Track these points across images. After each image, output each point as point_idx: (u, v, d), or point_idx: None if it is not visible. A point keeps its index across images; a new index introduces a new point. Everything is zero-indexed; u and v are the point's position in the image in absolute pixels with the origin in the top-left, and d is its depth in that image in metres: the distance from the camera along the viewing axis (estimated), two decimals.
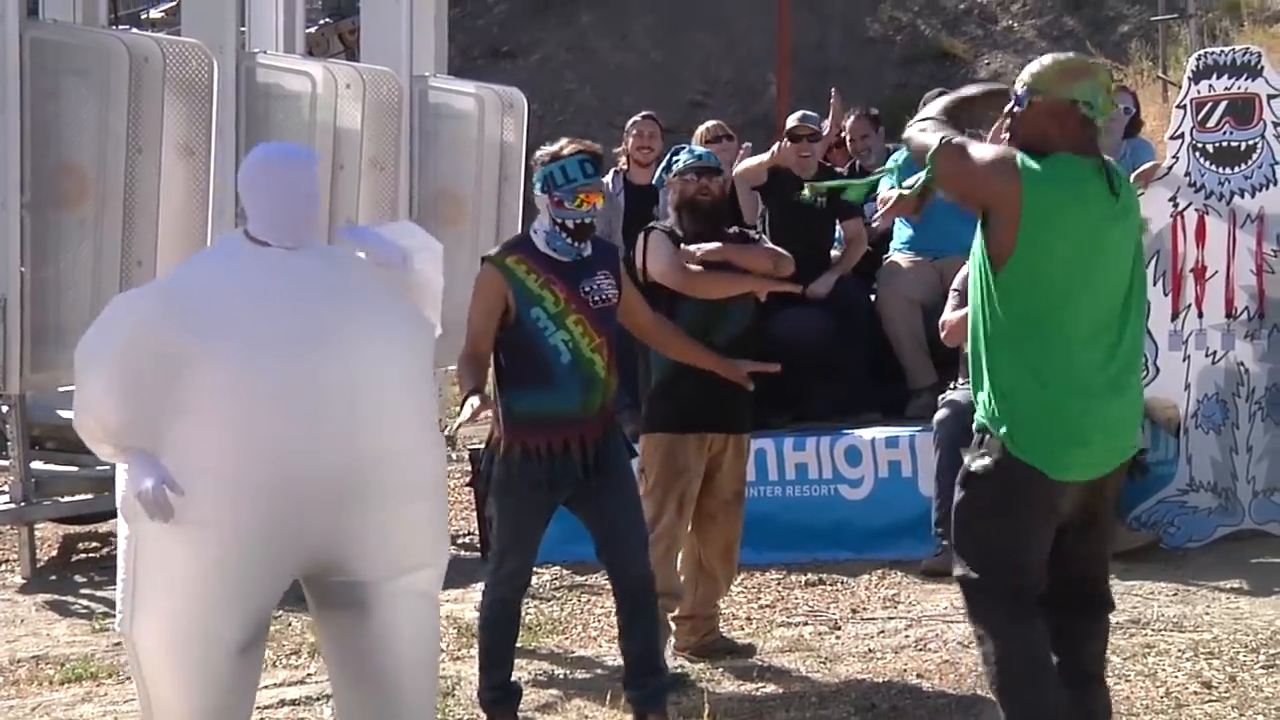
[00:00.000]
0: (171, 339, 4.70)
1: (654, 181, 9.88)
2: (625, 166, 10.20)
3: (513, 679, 6.33)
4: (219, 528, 4.70)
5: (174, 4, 15.29)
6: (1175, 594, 7.60)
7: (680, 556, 7.10)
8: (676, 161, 7.16)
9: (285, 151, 5.30)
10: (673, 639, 7.11)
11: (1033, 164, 4.71)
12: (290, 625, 8.12)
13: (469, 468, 9.98)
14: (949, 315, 8.75)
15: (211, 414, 4.70)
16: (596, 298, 6.12)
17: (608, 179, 10.06)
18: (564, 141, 6.22)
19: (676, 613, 7.12)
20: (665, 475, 6.87)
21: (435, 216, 10.89)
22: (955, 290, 8.78)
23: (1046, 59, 4.93)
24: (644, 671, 6.18)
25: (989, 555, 4.82)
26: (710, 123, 10.67)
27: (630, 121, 10.47)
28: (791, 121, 9.90)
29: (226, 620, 4.76)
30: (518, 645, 6.98)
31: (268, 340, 4.76)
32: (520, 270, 6.07)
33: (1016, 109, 4.85)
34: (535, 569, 8.81)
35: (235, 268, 4.96)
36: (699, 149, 7.41)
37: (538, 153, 6.20)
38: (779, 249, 7.18)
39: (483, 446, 6.54)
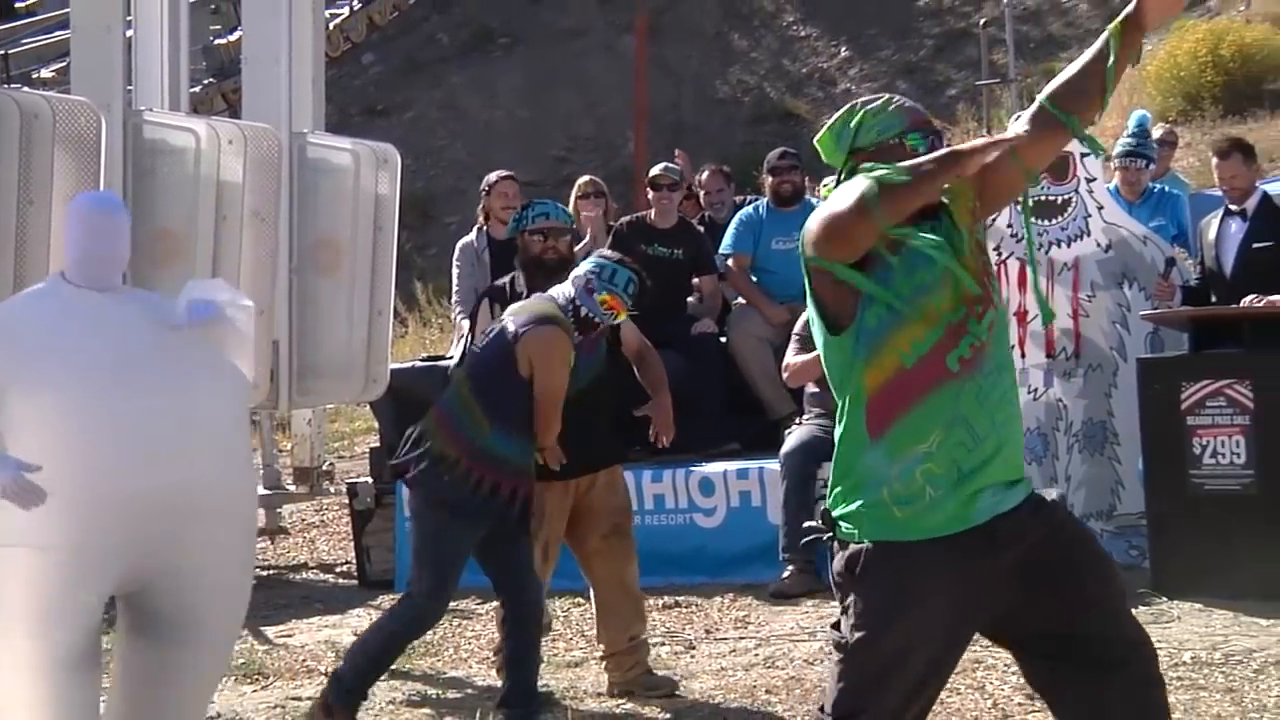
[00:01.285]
0: None
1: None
2: (485, 224, 10.12)
3: (365, 692, 6.34)
4: (42, 545, 4.68)
5: (64, 64, 15.07)
6: None
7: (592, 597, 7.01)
8: (524, 218, 6.98)
9: (95, 200, 5.46)
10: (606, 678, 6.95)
11: None
12: None
13: (347, 500, 9.91)
14: (792, 359, 8.81)
15: (32, 437, 4.69)
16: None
17: (473, 238, 10.02)
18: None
19: (601, 652, 6.97)
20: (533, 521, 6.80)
21: (314, 264, 10.78)
22: (798, 335, 8.85)
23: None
24: (519, 699, 6.23)
25: None
26: (585, 178, 10.69)
27: (488, 181, 10.40)
28: (654, 171, 9.96)
29: (55, 636, 4.71)
30: (392, 667, 6.93)
31: (81, 372, 4.79)
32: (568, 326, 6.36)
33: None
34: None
35: (51, 305, 4.98)
36: (550, 205, 7.17)
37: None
38: None
39: (363, 479, 6.52)
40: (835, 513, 4.02)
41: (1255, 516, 7.57)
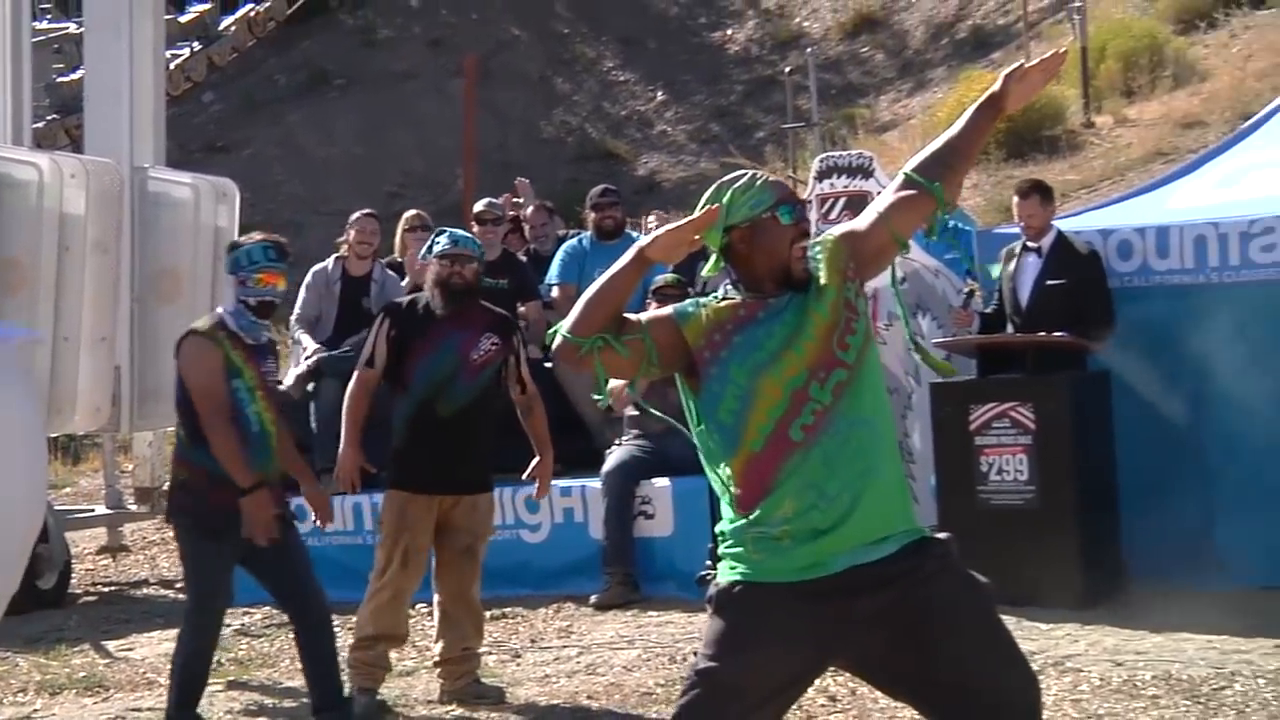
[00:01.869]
0: None
1: (371, 272, 9.74)
2: (346, 255, 10.01)
3: (196, 714, 6.24)
4: None
5: None
6: None
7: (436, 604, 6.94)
8: (437, 244, 6.87)
9: None
10: (438, 687, 6.88)
11: None
12: (18, 665, 7.80)
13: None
14: (613, 385, 8.82)
15: None
16: (271, 379, 6.23)
17: (329, 265, 9.91)
18: (255, 234, 6.27)
19: (435, 659, 6.90)
20: (395, 529, 6.69)
21: (155, 294, 10.63)
22: None
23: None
24: (330, 703, 6.15)
25: None
26: (411, 212, 10.63)
27: (352, 217, 10.28)
28: (478, 207, 9.93)
29: None
30: (230, 678, 6.84)
31: None
32: (227, 344, 6.04)
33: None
34: (247, 609, 8.69)
35: None
36: (461, 234, 7.03)
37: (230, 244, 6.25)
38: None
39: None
40: (719, 554, 4.02)
41: (1036, 528, 7.72)
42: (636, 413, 8.80)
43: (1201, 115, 17.08)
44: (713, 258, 3.99)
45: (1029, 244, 8.32)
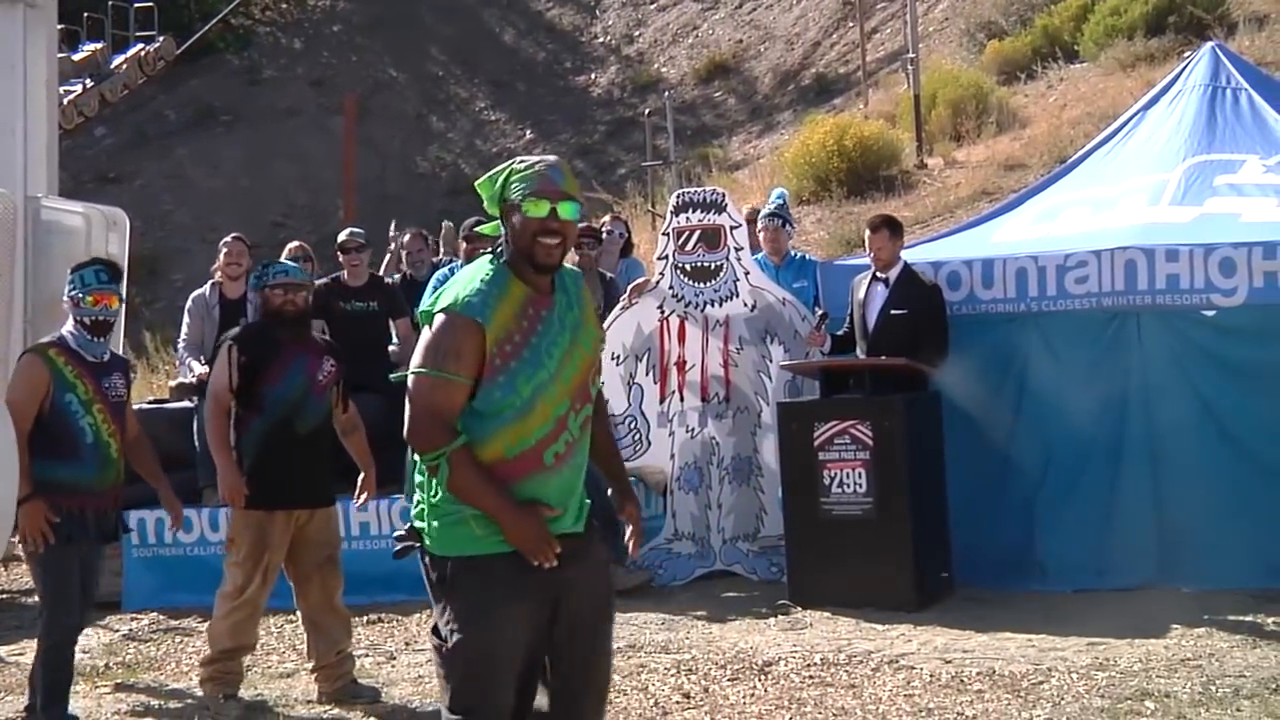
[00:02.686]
0: None
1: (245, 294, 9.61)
2: (220, 280, 9.84)
3: (70, 712, 6.15)
4: None
5: None
6: (663, 623, 7.75)
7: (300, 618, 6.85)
8: (266, 275, 6.78)
9: None
10: (316, 689, 6.75)
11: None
12: None
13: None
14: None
15: None
16: (114, 394, 6.19)
17: (206, 291, 9.76)
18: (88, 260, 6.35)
19: (312, 665, 6.78)
20: (255, 549, 6.57)
21: (48, 317, 10.38)
22: None
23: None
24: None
25: None
26: (294, 243, 10.50)
27: (222, 241, 10.16)
28: (342, 237, 9.84)
29: None
30: (119, 681, 6.69)
31: None
32: (60, 361, 6.08)
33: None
34: (135, 614, 8.50)
35: None
36: (289, 264, 7.03)
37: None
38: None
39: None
40: (419, 525, 4.00)
41: (873, 537, 7.79)
42: None
43: (1022, 158, 17.43)
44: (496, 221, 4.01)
45: (877, 275, 8.40)
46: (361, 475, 6.89)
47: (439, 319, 3.93)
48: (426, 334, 3.98)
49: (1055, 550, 8.07)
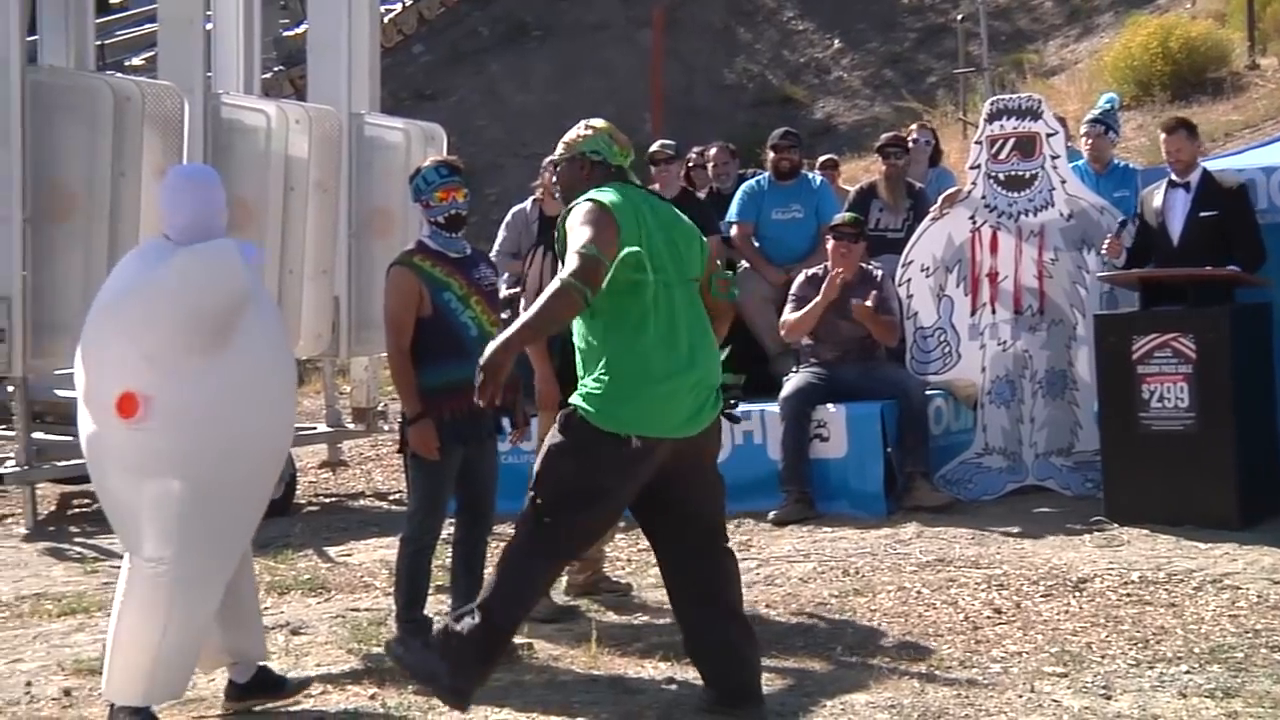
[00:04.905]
0: None
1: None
2: (541, 197, 10.04)
3: (424, 614, 6.14)
4: None
5: (152, 53, 15.06)
6: (972, 538, 7.68)
7: None
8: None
9: (199, 172, 5.50)
10: (564, 580, 7.03)
11: (609, 195, 4.82)
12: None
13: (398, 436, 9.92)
14: (789, 316, 8.80)
15: None
16: (486, 283, 6.09)
17: (527, 206, 9.93)
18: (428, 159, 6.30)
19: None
20: None
21: (369, 229, 10.81)
22: (794, 295, 8.84)
23: (572, 131, 5.15)
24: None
25: None
26: (659, 144, 10.56)
27: (546, 160, 10.30)
28: (653, 148, 9.89)
29: None
30: (438, 584, 6.92)
31: None
32: (426, 264, 6.00)
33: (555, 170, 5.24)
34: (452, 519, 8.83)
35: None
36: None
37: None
38: None
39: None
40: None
41: (1195, 453, 7.56)
42: (812, 342, 8.76)
43: None
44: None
45: (1176, 180, 8.09)
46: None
47: None
48: None
49: None
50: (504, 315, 9.71)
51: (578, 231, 4.72)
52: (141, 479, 4.90)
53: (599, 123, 5.09)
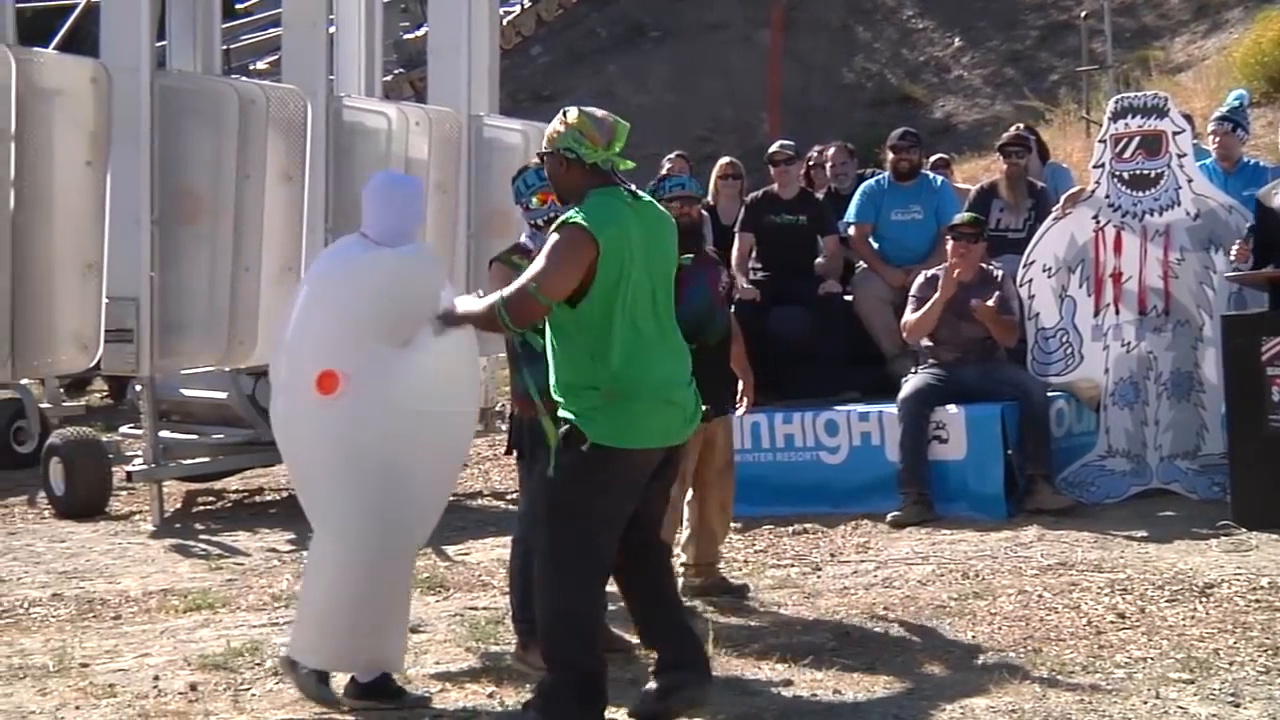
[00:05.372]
0: None
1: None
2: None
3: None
4: None
5: (276, 57, 15.31)
6: (1095, 541, 7.58)
7: (684, 518, 7.08)
8: (662, 188, 6.86)
9: (404, 179, 5.91)
10: (681, 582, 7.01)
11: (594, 215, 4.76)
12: None
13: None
14: (909, 316, 8.74)
15: None
16: None
17: None
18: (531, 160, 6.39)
19: (683, 560, 7.05)
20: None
21: (488, 230, 10.92)
22: (913, 296, 8.78)
23: (553, 121, 5.00)
24: None
25: None
26: (724, 160, 10.65)
27: (665, 158, 10.40)
28: (772, 149, 9.88)
29: None
30: None
31: None
32: (524, 264, 6.03)
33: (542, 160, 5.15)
34: None
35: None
36: (684, 178, 7.15)
37: None
38: None
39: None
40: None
41: None
42: (931, 344, 8.69)
43: None
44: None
45: None
46: (741, 383, 6.97)
47: None
48: None
49: None
50: None
51: (542, 258, 4.75)
52: (334, 455, 5.15)
53: (572, 116, 4.94)
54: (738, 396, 7.03)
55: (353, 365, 5.12)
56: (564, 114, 4.94)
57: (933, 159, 12.00)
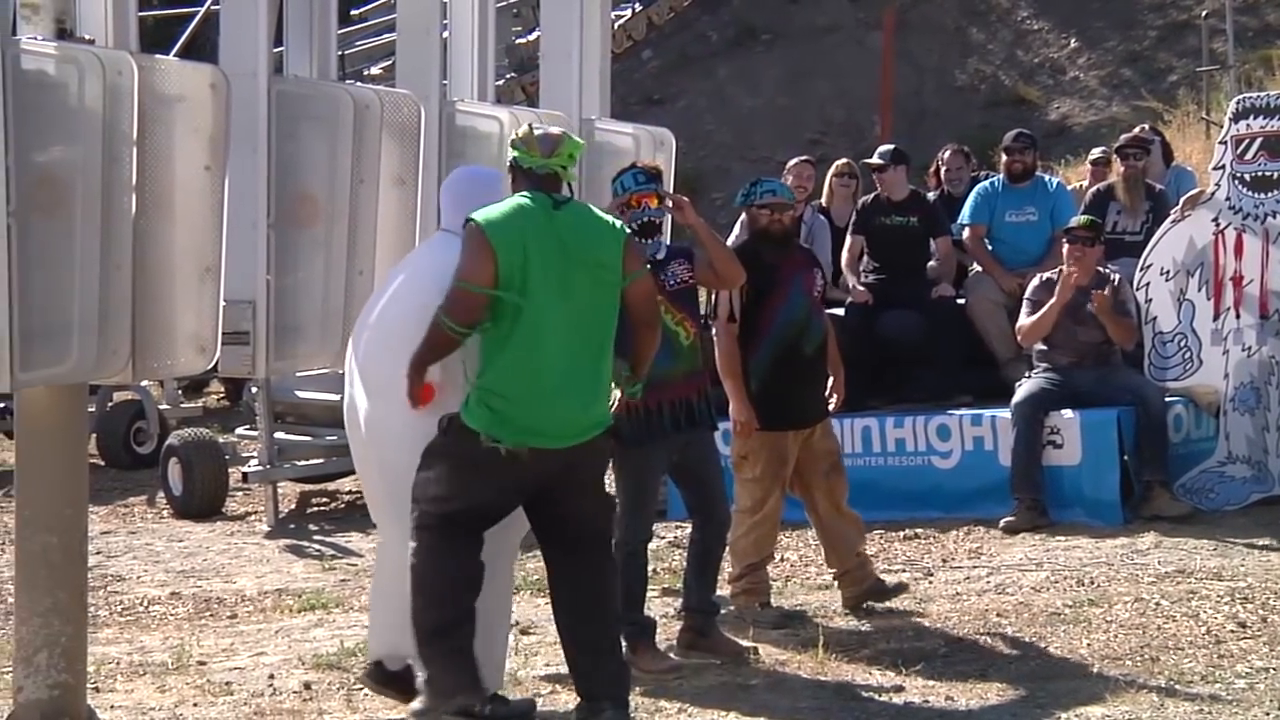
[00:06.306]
0: None
1: (802, 215, 9.60)
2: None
3: (646, 614, 6.17)
4: None
5: (390, 63, 15.47)
6: (1215, 549, 7.46)
7: (814, 532, 7.02)
8: (753, 193, 6.83)
9: (486, 173, 6.10)
10: (840, 595, 6.92)
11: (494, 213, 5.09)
12: None
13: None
14: (1024, 320, 8.65)
15: None
16: (672, 281, 6.08)
17: None
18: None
19: (835, 572, 6.96)
20: (771, 466, 6.71)
21: None
22: (1029, 299, 8.69)
23: None
24: (707, 604, 6.19)
25: None
26: (841, 161, 10.64)
27: (790, 163, 10.34)
28: (875, 156, 9.84)
29: None
30: (665, 586, 6.98)
31: None
32: None
33: None
34: (680, 523, 8.87)
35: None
36: (776, 184, 7.04)
37: None
38: None
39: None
40: None
41: None
42: (1046, 348, 8.59)
43: None
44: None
45: None
46: (831, 380, 6.85)
47: None
48: None
49: None
50: None
51: (460, 259, 5.07)
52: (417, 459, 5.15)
53: (524, 126, 5.35)
54: (827, 393, 6.87)
55: (438, 374, 5.15)
56: (518, 128, 5.43)
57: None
